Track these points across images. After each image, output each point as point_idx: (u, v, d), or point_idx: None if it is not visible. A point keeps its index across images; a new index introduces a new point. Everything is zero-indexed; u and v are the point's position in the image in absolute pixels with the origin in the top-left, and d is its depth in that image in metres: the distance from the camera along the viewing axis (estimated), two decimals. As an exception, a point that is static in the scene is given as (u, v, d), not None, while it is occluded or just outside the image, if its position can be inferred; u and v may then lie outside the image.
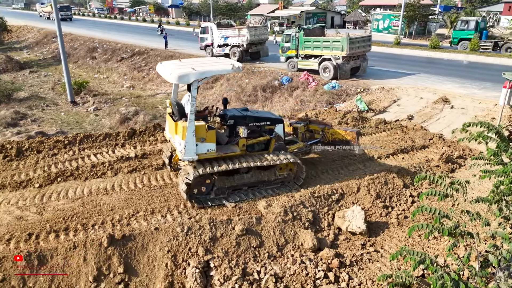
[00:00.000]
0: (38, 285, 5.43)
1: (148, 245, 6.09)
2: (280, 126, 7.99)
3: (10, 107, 18.78)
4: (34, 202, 7.20)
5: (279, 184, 7.89)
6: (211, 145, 7.03)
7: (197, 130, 6.83)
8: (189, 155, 6.90)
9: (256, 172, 7.65)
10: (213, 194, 7.39)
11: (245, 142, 7.45)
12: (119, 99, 21.74)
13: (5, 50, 38.48)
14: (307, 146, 8.74)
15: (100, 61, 31.59)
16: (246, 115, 7.69)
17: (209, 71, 7.14)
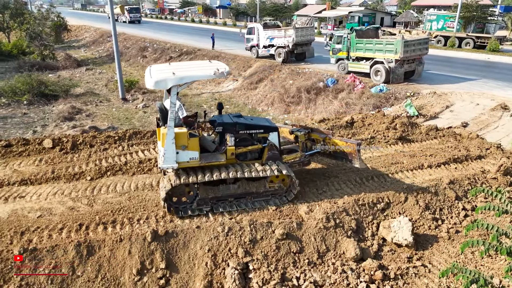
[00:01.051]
0: (86, 274, 5.69)
1: (190, 242, 6.18)
2: (274, 134, 7.41)
3: (67, 102, 20.03)
4: (85, 194, 7.58)
5: (269, 196, 7.30)
6: (194, 153, 6.65)
7: (178, 137, 6.49)
8: (169, 163, 6.56)
9: (244, 182, 7.13)
10: (195, 204, 6.92)
11: (234, 150, 7.04)
12: (166, 97, 22.42)
13: (64, 48, 41.14)
14: (305, 156, 7.90)
15: (150, 60, 32.81)
16: (236, 122, 7.22)
17: (189, 76, 6.59)
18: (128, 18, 59.33)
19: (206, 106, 20.74)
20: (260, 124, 7.44)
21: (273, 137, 7.42)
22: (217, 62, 7.27)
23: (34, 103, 20.09)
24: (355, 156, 7.51)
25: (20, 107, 19.44)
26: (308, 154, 7.96)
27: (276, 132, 7.45)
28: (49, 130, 15.90)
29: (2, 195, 7.47)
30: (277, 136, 7.46)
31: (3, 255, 5.65)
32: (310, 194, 7.77)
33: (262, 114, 19.26)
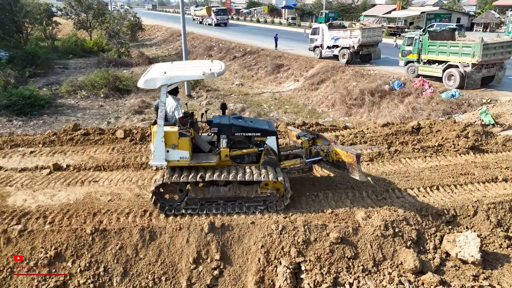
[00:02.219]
0: (147, 258, 6.08)
1: (244, 237, 6.32)
2: (272, 138, 7.20)
3: (138, 96, 21.44)
4: (150, 183, 8.07)
5: (261, 202, 6.97)
6: (184, 152, 6.63)
7: (168, 136, 6.54)
8: (158, 160, 6.63)
9: (236, 186, 6.92)
10: (183, 204, 6.84)
11: (228, 152, 6.91)
12: (229, 95, 23.05)
13: (138, 46, 44.05)
14: (305, 163, 7.50)
15: (215, 59, 33.91)
16: (231, 124, 7.06)
17: (178, 76, 6.58)
18: (215, 20, 55.14)
19: (265, 105, 20.96)
20: (257, 127, 7.20)
21: (271, 141, 7.21)
22: (217, 62, 7.24)
23: (109, 97, 21.82)
24: (354, 167, 7.03)
25: (97, 100, 21.23)
26: (309, 161, 7.57)
27: (274, 137, 7.23)
28: (121, 122, 17.17)
29: (79, 178, 8.23)
30: (275, 140, 7.25)
31: (77, 233, 6.23)
32: (368, 199, 7.54)
33: (322, 116, 19.00)
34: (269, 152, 7.12)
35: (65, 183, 8.03)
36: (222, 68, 6.76)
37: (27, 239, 6.16)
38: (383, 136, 10.73)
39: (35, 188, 7.86)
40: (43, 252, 6.02)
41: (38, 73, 26.56)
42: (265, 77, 27.03)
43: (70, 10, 43.77)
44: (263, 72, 27.78)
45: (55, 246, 6.08)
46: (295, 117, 18.90)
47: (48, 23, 39.89)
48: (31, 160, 9.25)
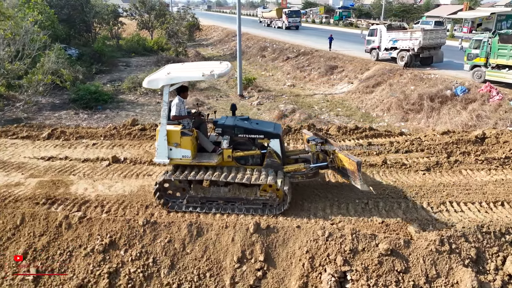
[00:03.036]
0: (194, 253, 6.23)
1: (289, 240, 6.26)
2: (275, 141, 7.10)
3: (193, 95, 22.13)
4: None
5: (260, 205, 6.89)
6: (186, 151, 6.77)
7: (170, 134, 6.73)
8: (161, 158, 6.84)
9: (235, 187, 6.91)
10: (185, 201, 7.00)
11: (230, 153, 6.95)
12: (280, 96, 23.03)
13: (195, 46, 45.51)
14: (310, 169, 7.24)
15: (268, 59, 34.07)
16: (234, 125, 7.05)
17: (178, 77, 6.72)
18: (286, 23, 50.00)
19: (317, 107, 20.65)
20: (260, 130, 7.13)
21: (274, 144, 7.13)
22: (225, 63, 7.29)
23: (166, 94, 22.73)
24: (356, 175, 6.68)
25: (155, 97, 22.22)
26: (313, 167, 7.29)
27: (278, 139, 7.11)
28: (175, 119, 17.81)
29: (134, 171, 8.66)
30: (278, 143, 7.13)
31: (131, 223, 6.55)
32: (422, 211, 7.12)
33: (376, 120, 18.32)
34: (272, 155, 7.06)
35: (121, 175, 8.49)
36: (224, 70, 6.79)
37: (86, 226, 6.59)
38: (442, 145, 10.09)
39: (95, 178, 8.40)
40: (99, 239, 6.41)
41: (103, 70, 28.40)
42: (318, 78, 26.65)
43: (135, 11, 46.31)
44: (316, 73, 27.41)
45: (110, 235, 6.44)
46: (347, 120, 18.42)
47: (114, 23, 42.51)
48: (93, 152, 9.91)
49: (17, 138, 10.97)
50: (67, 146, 10.36)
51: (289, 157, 7.73)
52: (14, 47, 14.63)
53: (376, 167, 8.89)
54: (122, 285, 6.00)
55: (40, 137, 10.94)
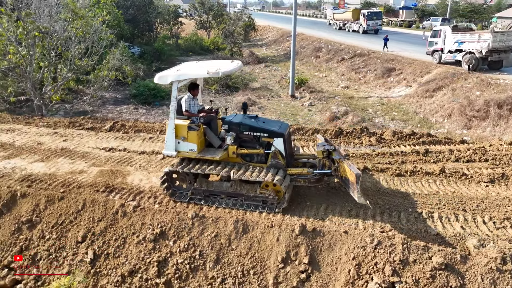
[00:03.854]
0: (239, 249, 6.32)
1: (335, 245, 6.12)
2: (279, 140, 7.06)
3: (245, 94, 22.45)
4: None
5: (260, 202, 6.97)
6: (193, 145, 7.03)
7: (178, 128, 7.03)
8: (169, 150, 7.18)
9: (237, 183, 7.05)
10: (189, 193, 7.25)
11: (235, 149, 7.11)
12: (332, 97, 22.59)
13: (249, 46, 46.09)
14: (313, 174, 7.12)
15: (322, 60, 33.56)
16: (240, 122, 7.17)
17: (186, 74, 7.00)
18: (365, 26, 43.58)
19: (371, 110, 19.97)
20: (264, 128, 7.18)
21: (278, 143, 7.10)
22: (236, 62, 7.54)
23: (219, 92, 23.32)
24: (354, 187, 6.43)
25: (209, 95, 22.86)
26: (316, 173, 7.15)
27: (281, 139, 7.07)
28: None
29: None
30: (282, 142, 7.08)
31: (180, 216, 6.79)
32: (483, 226, 6.61)
33: (435, 126, 17.32)
34: (277, 156, 7.08)
35: (174, 169, 8.82)
36: (230, 68, 7.06)
37: (139, 215, 6.94)
38: (509, 156, 9.29)
39: (150, 170, 8.82)
40: (150, 229, 6.72)
41: (162, 68, 29.71)
42: (374, 80, 25.76)
43: (194, 12, 47.98)
44: (371, 75, 26.52)
45: (161, 225, 6.72)
46: (403, 125, 17.61)
47: (175, 23, 44.36)
48: (149, 145, 10.41)
49: (82, 129, 11.84)
50: (126, 138, 10.98)
51: (297, 160, 7.71)
52: (84, 45, 15.79)
53: (433, 175, 8.40)
54: (169, 274, 6.25)
55: (102, 129, 11.72)
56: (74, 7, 15.01)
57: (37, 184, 8.04)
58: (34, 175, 8.44)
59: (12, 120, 12.57)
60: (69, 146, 10.30)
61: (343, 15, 49.46)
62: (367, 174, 8.47)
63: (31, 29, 13.62)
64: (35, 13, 14.25)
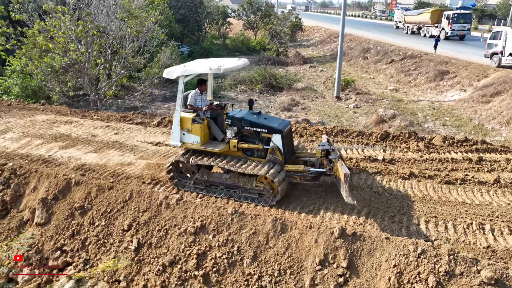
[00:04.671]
0: (276, 248, 6.33)
1: (375, 251, 5.94)
2: (277, 136, 7.25)
3: (289, 94, 22.39)
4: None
5: (256, 195, 7.31)
6: (196, 137, 7.42)
7: (183, 121, 7.46)
8: (174, 140, 7.64)
9: (235, 175, 7.43)
10: (192, 182, 7.74)
11: (236, 143, 7.40)
12: (380, 100, 21.90)
13: (296, 46, 45.87)
14: (309, 172, 7.27)
15: (371, 61, 32.63)
16: (241, 118, 7.50)
17: (191, 70, 7.45)
18: (448, 30, 36.03)
19: (420, 114, 19.11)
20: (263, 124, 7.41)
21: (276, 139, 7.30)
22: (242, 60, 7.90)
23: (263, 92, 23.43)
24: (343, 187, 6.52)
25: (253, 94, 23.06)
26: (312, 171, 7.31)
27: (279, 135, 7.25)
28: (270, 117, 18.24)
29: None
30: (280, 139, 7.25)
31: (220, 211, 6.92)
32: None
33: (491, 133, 16.23)
34: (275, 151, 7.29)
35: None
36: (232, 65, 7.42)
37: (181, 208, 7.17)
38: None
39: (193, 165, 9.06)
40: (191, 222, 6.92)
41: (208, 67, 30.46)
42: (425, 83, 24.63)
43: (242, 12, 48.60)
44: (422, 78, 25.38)
45: (202, 219, 6.90)
46: (455, 131, 16.68)
47: (223, 23, 45.22)
48: (193, 141, 10.70)
49: (132, 123, 12.43)
50: (172, 134, 11.37)
51: (299, 157, 7.91)
52: (137, 43, 16.56)
53: (486, 185, 7.90)
54: (208, 268, 6.40)
55: (151, 124, 12.23)
56: (130, 8, 15.78)
57: (89, 173, 8.56)
58: (88, 165, 9.00)
59: (70, 113, 13.48)
60: (120, 139, 10.86)
61: (418, 17, 42.05)
62: (413, 180, 8.14)
63: (90, 28, 14.51)
64: (94, 13, 15.16)
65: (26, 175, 8.57)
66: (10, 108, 13.89)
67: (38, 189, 8.24)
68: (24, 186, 8.45)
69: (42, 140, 10.58)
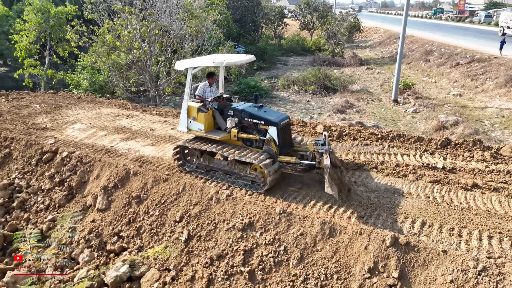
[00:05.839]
0: (323, 251, 6.22)
1: (430, 264, 5.62)
2: (273, 129, 7.57)
3: (343, 96, 21.89)
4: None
5: (249, 182, 7.78)
6: (201, 125, 8.04)
7: (190, 109, 8.13)
8: (181, 127, 8.35)
9: (232, 162, 8.01)
10: (194, 166, 8.39)
11: (236, 133, 7.86)
12: (441, 105, 20.66)
13: (352, 48, 44.70)
14: (300, 164, 7.53)
15: (433, 64, 30.88)
16: (242, 109, 7.94)
17: (197, 63, 8.21)
18: None
19: (487, 122, 17.72)
20: (261, 116, 7.77)
21: (272, 131, 7.59)
22: (249, 56, 8.70)
23: (316, 93, 23.14)
24: (325, 178, 6.56)
25: (305, 95, 22.88)
26: (303, 163, 7.57)
27: (275, 127, 7.55)
28: (322, 118, 17.97)
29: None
30: (275, 131, 7.55)
31: (268, 210, 6.96)
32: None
33: None
34: (270, 143, 7.61)
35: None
36: (235, 60, 8.39)
37: (231, 204, 7.30)
38: None
39: (244, 163, 9.18)
40: (240, 218, 7.02)
41: (263, 67, 30.71)
42: (494, 89, 22.80)
43: (299, 12, 48.35)
44: (491, 83, 23.51)
45: (250, 216, 6.97)
46: (527, 142, 15.25)
47: (279, 23, 45.32)
48: (245, 139, 10.83)
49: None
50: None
51: (297, 151, 8.17)
52: (195, 43, 17.14)
53: (563, 203, 7.12)
54: (254, 265, 6.45)
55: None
56: (191, 8, 16.37)
57: (147, 165, 9.01)
58: (145, 157, 9.47)
59: (132, 107, 14.29)
60: (176, 134, 11.30)
61: None
62: (476, 192, 7.57)
63: (153, 27, 15.27)
64: (158, 13, 15.92)
65: (91, 163, 9.23)
66: (79, 101, 15.04)
67: (101, 177, 8.84)
68: (89, 173, 9.11)
69: (106, 132, 11.33)
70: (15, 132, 11.17)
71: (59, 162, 9.59)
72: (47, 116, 12.88)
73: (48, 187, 9.28)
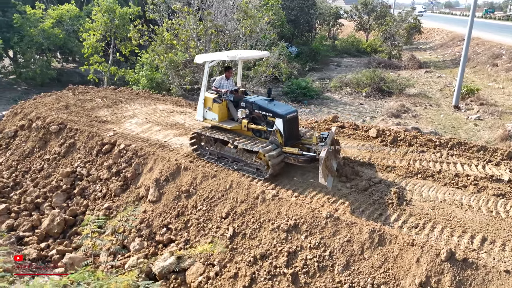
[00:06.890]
0: (371, 260, 5.96)
1: (490, 284, 5.19)
2: (279, 120, 7.96)
3: (398, 100, 20.93)
4: (391, 188, 7.80)
5: (255, 169, 8.25)
6: (215, 115, 8.65)
7: (206, 100, 8.77)
8: (199, 116, 9.01)
9: (240, 150, 8.49)
10: (208, 153, 9.11)
11: (246, 124, 8.40)
12: (509, 113, 19.02)
13: (411, 50, 42.65)
14: (302, 155, 7.90)
15: (501, 69, 28.54)
16: (253, 102, 8.39)
17: (214, 57, 9.02)
18: None
19: None
20: (269, 108, 8.17)
21: (278, 123, 7.97)
22: (264, 52, 9.98)
23: (370, 96, 22.35)
24: (319, 168, 6.92)
25: (358, 98, 22.20)
26: (304, 155, 7.91)
27: (281, 120, 7.91)
28: (375, 122, 17.32)
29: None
30: (281, 123, 7.91)
31: (315, 213, 6.82)
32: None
33: None
34: (276, 134, 7.98)
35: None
36: (248, 55, 9.25)
37: (276, 204, 7.26)
38: None
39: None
40: (285, 219, 6.95)
41: (315, 68, 30.27)
42: None
43: (355, 13, 47.09)
44: None
45: (295, 218, 6.88)
46: None
47: (334, 24, 44.46)
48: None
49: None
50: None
51: (303, 143, 8.44)
52: (249, 42, 17.31)
53: None
54: (297, 267, 6.36)
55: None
56: (246, 8, 16.56)
57: (196, 161, 9.24)
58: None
59: (186, 104, 14.76)
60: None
61: None
62: (547, 210, 6.85)
63: (209, 27, 15.65)
64: (214, 13, 16.30)
65: (145, 156, 9.66)
66: (137, 97, 15.82)
67: (154, 170, 9.21)
68: (143, 166, 9.54)
69: (160, 127, 11.80)
70: (79, 124, 12.00)
71: (117, 154, 10.14)
72: (108, 110, 13.69)
73: (106, 177, 9.85)
